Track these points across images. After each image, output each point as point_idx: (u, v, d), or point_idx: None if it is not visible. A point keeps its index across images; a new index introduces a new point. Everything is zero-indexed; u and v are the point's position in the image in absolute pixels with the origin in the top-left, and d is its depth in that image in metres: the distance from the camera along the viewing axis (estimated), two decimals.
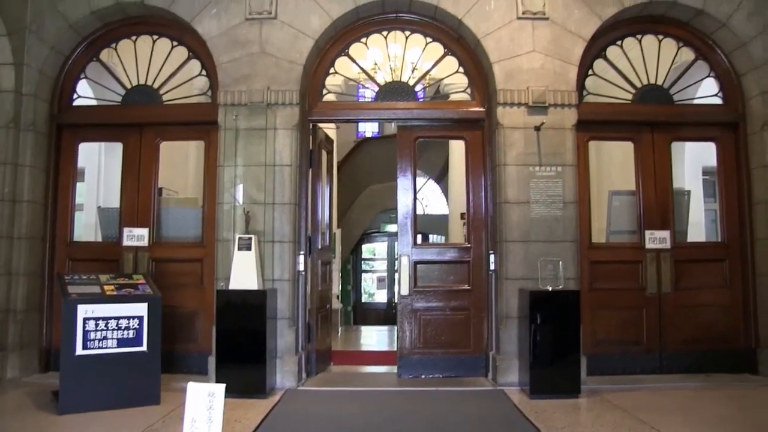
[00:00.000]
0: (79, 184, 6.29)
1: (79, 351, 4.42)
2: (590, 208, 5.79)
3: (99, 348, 4.48)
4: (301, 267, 5.59)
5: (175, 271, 5.76)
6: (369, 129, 16.53)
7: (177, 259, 5.80)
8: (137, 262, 5.76)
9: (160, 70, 5.94)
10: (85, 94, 6.11)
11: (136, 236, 5.81)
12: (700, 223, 7.08)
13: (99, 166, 7.37)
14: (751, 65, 5.68)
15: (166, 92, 5.96)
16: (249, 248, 5.21)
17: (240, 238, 5.25)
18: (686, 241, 6.04)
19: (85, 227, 7.01)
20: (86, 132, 6.09)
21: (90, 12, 5.73)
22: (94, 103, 6.21)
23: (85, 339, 4.45)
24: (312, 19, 5.56)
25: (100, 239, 6.26)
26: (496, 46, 5.51)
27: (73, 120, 5.98)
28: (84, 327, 4.45)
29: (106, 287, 4.79)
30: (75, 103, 6.03)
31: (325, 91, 5.86)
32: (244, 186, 5.44)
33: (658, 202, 5.80)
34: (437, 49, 5.90)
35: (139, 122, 5.90)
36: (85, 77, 6.08)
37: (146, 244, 5.78)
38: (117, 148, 6.17)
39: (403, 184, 5.86)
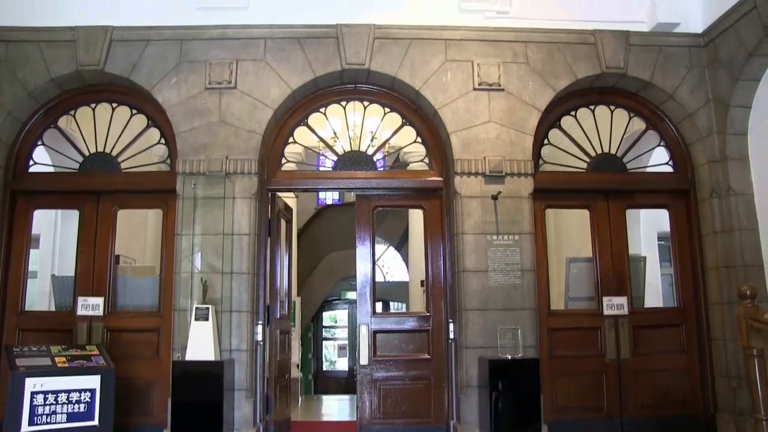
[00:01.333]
0: (33, 251, 6.19)
1: (25, 428, 4.29)
2: (549, 275, 5.89)
3: (47, 423, 4.36)
4: (260, 337, 5.55)
5: (130, 341, 5.66)
6: (329, 196, 16.72)
7: (133, 329, 5.70)
8: (91, 333, 5.64)
9: (118, 137, 5.95)
10: (41, 160, 6.06)
11: (91, 305, 5.71)
12: (657, 288, 7.23)
13: (54, 233, 7.28)
14: (697, 135, 5.92)
15: (125, 160, 5.95)
16: (206, 318, 5.17)
17: (197, 308, 5.21)
18: (643, 307, 6.16)
19: (38, 295, 6.87)
20: (42, 199, 6.03)
21: (50, 79, 5.74)
22: (51, 170, 6.17)
23: (33, 414, 4.33)
24: (271, 90, 5.67)
25: (53, 308, 6.14)
26: (453, 117, 5.67)
27: (28, 187, 5.91)
28: (32, 402, 4.34)
29: (57, 359, 4.68)
30: (31, 170, 5.96)
31: (284, 161, 5.94)
32: (202, 255, 5.42)
33: (615, 268, 5.92)
34: (395, 119, 6.05)
35: (97, 190, 5.87)
36: (43, 144, 6.04)
37: (101, 314, 5.68)
38: (73, 216, 6.11)
39: (362, 253, 5.91)
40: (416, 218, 9.13)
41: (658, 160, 6.21)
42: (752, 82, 5.56)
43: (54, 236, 7.31)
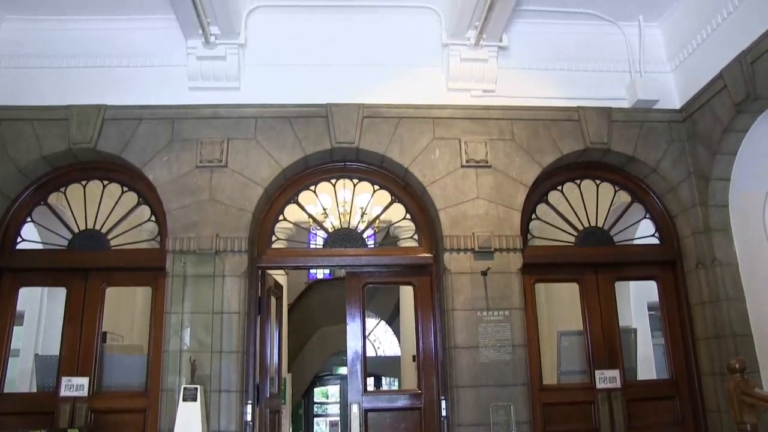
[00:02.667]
0: (16, 329, 6.12)
1: None
2: (540, 349, 5.89)
3: None
4: (249, 417, 5.46)
5: (115, 422, 5.53)
6: (320, 271, 16.77)
7: (118, 410, 5.58)
8: (74, 415, 5.51)
9: (108, 215, 5.99)
10: (30, 237, 6.06)
11: (75, 386, 5.61)
12: (649, 359, 7.24)
13: (40, 310, 7.21)
14: (681, 207, 6.06)
15: (115, 237, 5.97)
16: (194, 399, 5.10)
17: (185, 389, 5.15)
18: (636, 379, 6.15)
19: (20, 375, 6.74)
20: (29, 277, 5.99)
21: (41, 156, 5.80)
22: (39, 246, 6.17)
23: None
24: (262, 168, 5.77)
25: (35, 389, 6.03)
26: (441, 194, 5.78)
27: (15, 264, 5.88)
28: None
29: None
30: (19, 247, 5.96)
31: (274, 238, 6.00)
32: (191, 333, 5.40)
33: (606, 341, 5.95)
34: (385, 195, 6.15)
35: (85, 267, 5.85)
36: (32, 221, 6.06)
37: (86, 394, 5.57)
38: (60, 293, 6.09)
39: (353, 330, 5.91)
40: (407, 292, 9.13)
41: (645, 232, 6.33)
42: (729, 155, 5.74)
43: (39, 313, 7.24)
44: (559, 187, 6.25)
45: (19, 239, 5.99)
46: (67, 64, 6.06)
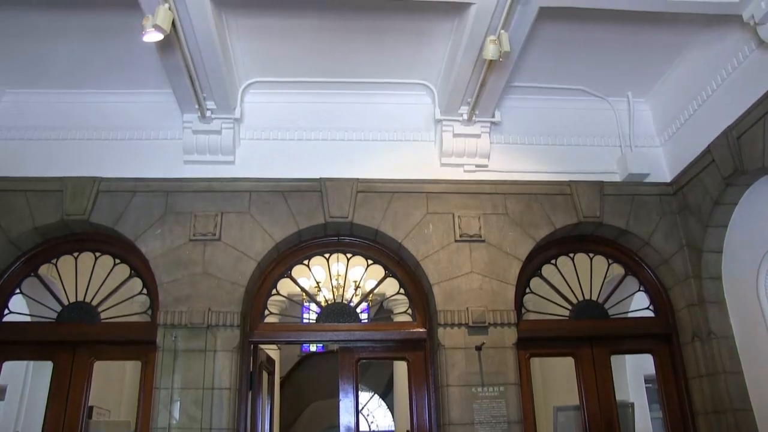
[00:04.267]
0: None
1: None
2: (536, 425, 5.85)
3: None
4: None
5: None
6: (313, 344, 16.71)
7: None
8: None
9: (100, 287, 6.01)
10: (18, 309, 6.05)
11: None
12: None
13: (24, 385, 7.12)
14: (675, 280, 6.14)
15: (105, 310, 5.97)
16: None
17: None
18: None
19: None
20: (14, 350, 5.93)
21: (33, 228, 5.84)
22: (27, 319, 6.18)
23: None
24: (255, 242, 5.85)
25: None
26: (435, 268, 5.86)
27: (1, 337, 5.83)
28: None
29: None
30: (5, 320, 5.92)
31: (267, 312, 6.02)
32: (180, 409, 5.35)
33: (603, 416, 5.93)
34: (379, 270, 6.23)
35: (74, 340, 5.81)
36: (21, 292, 6.07)
37: None
38: (46, 367, 6.04)
39: (345, 405, 5.87)
40: (401, 367, 9.13)
41: (639, 305, 6.38)
42: (721, 228, 5.86)
43: (23, 389, 7.14)
44: (553, 261, 6.34)
45: (6, 311, 5.97)
46: (64, 136, 6.21)
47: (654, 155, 6.50)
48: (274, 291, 6.10)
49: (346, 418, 5.86)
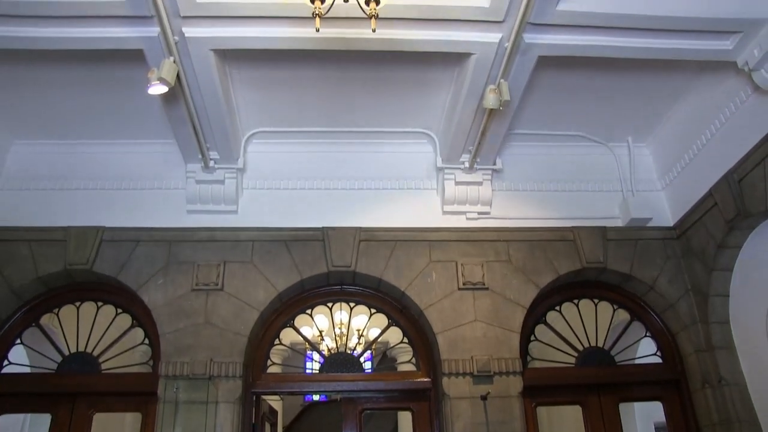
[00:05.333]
0: None
1: None
2: None
3: None
4: None
5: None
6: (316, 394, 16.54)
7: None
8: None
9: (101, 337, 6.01)
10: (18, 360, 6.02)
11: None
12: None
13: None
14: (681, 325, 6.12)
15: (106, 360, 5.96)
16: None
17: None
18: None
19: None
20: (12, 402, 5.88)
21: (36, 277, 5.88)
22: (26, 370, 6.15)
23: None
24: (258, 291, 5.86)
25: None
26: (439, 317, 5.85)
27: None
28: None
29: None
30: (4, 371, 5.90)
31: (269, 362, 6.00)
32: None
33: None
34: (382, 319, 6.23)
35: (73, 392, 5.78)
36: (21, 343, 6.07)
37: None
38: (44, 420, 5.97)
39: None
40: (405, 417, 9.07)
41: (646, 350, 6.35)
42: (726, 272, 5.85)
43: None
44: (557, 307, 6.34)
45: (5, 362, 5.95)
46: (68, 186, 6.31)
47: (656, 199, 6.54)
48: (276, 341, 6.10)
49: None
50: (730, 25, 4.80)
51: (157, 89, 4.79)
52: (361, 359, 6.16)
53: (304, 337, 6.16)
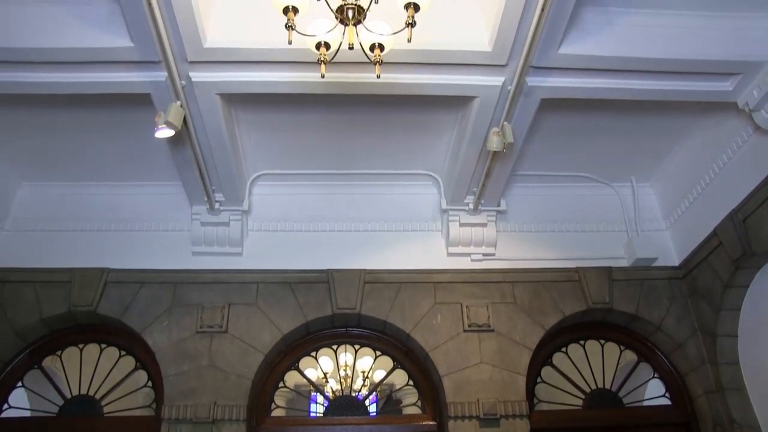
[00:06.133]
0: None
1: None
2: None
3: None
4: None
5: None
6: None
7: None
8: None
9: (104, 380, 5.95)
10: (18, 403, 5.92)
11: None
12: None
13: None
14: (690, 366, 6.02)
15: (108, 403, 5.89)
16: None
17: None
18: None
19: None
20: None
21: (40, 319, 5.84)
22: (27, 414, 6.07)
23: None
24: (263, 334, 5.81)
25: None
26: (444, 359, 5.78)
27: None
28: None
29: None
30: (4, 415, 5.80)
31: (273, 405, 5.92)
32: None
33: None
34: (387, 361, 6.16)
35: None
36: (23, 386, 6.00)
37: None
38: None
39: None
40: None
41: (655, 392, 6.25)
42: (734, 311, 5.78)
43: None
44: (564, 349, 6.26)
45: (5, 406, 5.87)
46: (74, 227, 6.32)
47: (661, 239, 6.52)
48: (281, 383, 6.02)
49: None
50: (730, 67, 4.86)
51: (164, 133, 4.83)
52: (366, 402, 6.08)
53: (309, 380, 6.09)
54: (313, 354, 6.15)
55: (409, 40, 3.39)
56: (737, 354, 5.83)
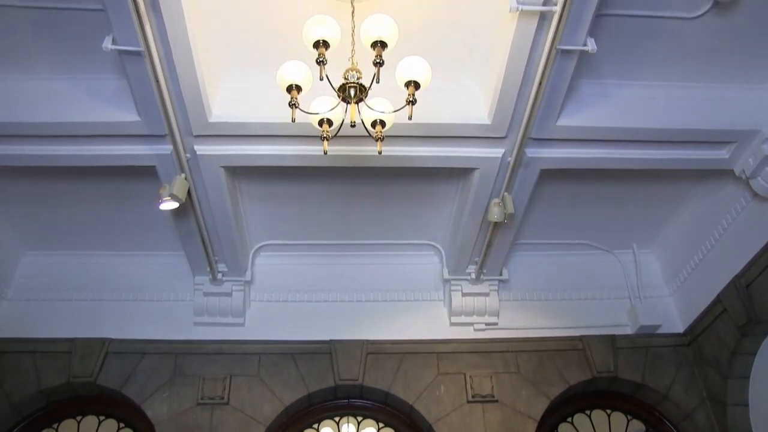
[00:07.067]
0: None
1: None
2: None
3: None
4: None
5: None
6: None
7: None
8: None
9: None
10: None
11: None
12: None
13: None
14: None
15: None
16: None
17: None
18: None
19: None
20: None
21: (38, 390, 5.72)
22: None
23: None
24: (264, 406, 5.68)
25: None
26: (448, 431, 5.63)
27: None
28: None
29: None
30: None
31: None
32: None
33: None
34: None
35: None
36: None
37: None
38: None
39: None
40: None
41: None
42: (742, 379, 5.65)
43: None
44: (569, 419, 6.10)
45: None
46: (77, 297, 6.25)
47: (664, 305, 6.43)
48: None
49: None
50: (724, 135, 4.91)
51: (169, 205, 4.85)
52: None
53: None
54: (315, 426, 5.99)
55: (410, 118, 3.43)
56: (750, 424, 5.64)
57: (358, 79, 3.43)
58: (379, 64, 3.31)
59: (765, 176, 4.98)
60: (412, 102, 3.37)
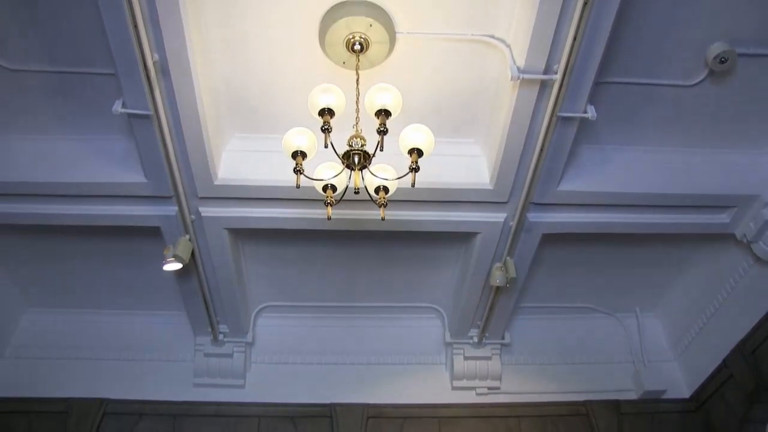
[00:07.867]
0: None
1: None
2: None
3: None
4: None
5: None
6: None
7: None
8: None
9: None
10: None
11: None
12: None
13: None
14: None
15: None
16: None
17: None
18: None
19: None
20: None
21: None
22: None
23: None
24: None
25: None
26: None
27: None
28: None
29: None
30: None
31: None
32: None
33: None
34: None
35: None
36: None
37: None
38: None
39: None
40: None
41: None
42: None
43: None
44: None
45: None
46: (75, 356, 6.13)
47: (669, 370, 6.30)
48: None
49: None
50: (725, 200, 4.91)
51: (172, 266, 4.82)
52: None
53: None
54: None
55: (413, 185, 3.42)
56: None
57: (362, 146, 3.44)
58: (382, 132, 3.33)
59: (766, 240, 4.96)
60: (415, 169, 3.37)
